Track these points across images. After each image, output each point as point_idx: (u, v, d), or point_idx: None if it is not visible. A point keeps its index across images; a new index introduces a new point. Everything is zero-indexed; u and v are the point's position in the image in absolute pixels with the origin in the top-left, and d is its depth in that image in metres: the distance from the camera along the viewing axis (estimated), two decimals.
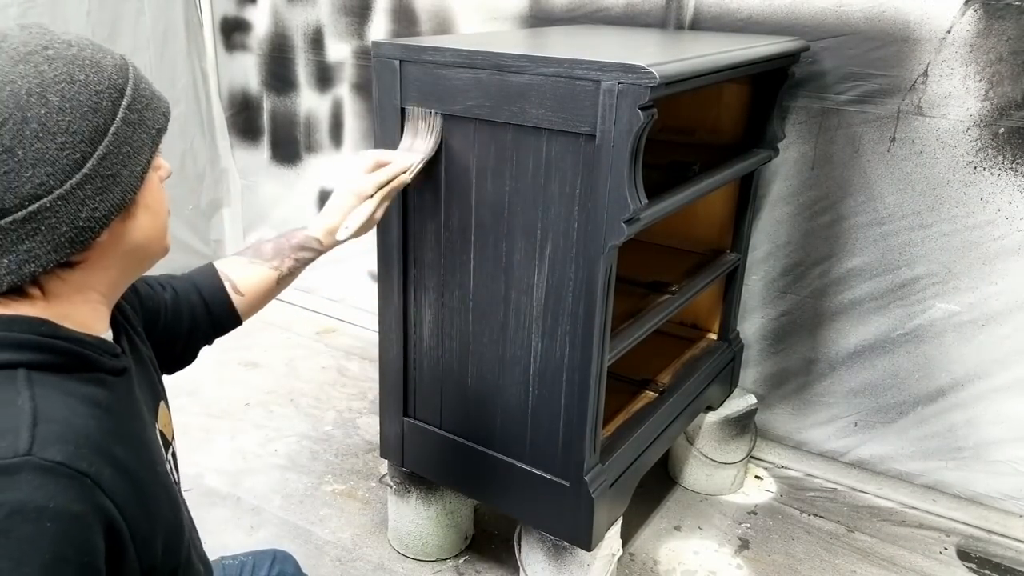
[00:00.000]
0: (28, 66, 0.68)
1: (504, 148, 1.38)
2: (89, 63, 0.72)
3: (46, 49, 0.70)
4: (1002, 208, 1.82)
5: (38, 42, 0.71)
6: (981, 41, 1.75)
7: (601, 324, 1.38)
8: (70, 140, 0.69)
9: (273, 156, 3.02)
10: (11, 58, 0.69)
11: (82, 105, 0.70)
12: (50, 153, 0.68)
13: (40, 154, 0.67)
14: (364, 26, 2.61)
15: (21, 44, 0.70)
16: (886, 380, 2.06)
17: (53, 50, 0.71)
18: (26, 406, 0.67)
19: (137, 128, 0.75)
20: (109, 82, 0.73)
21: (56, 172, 0.68)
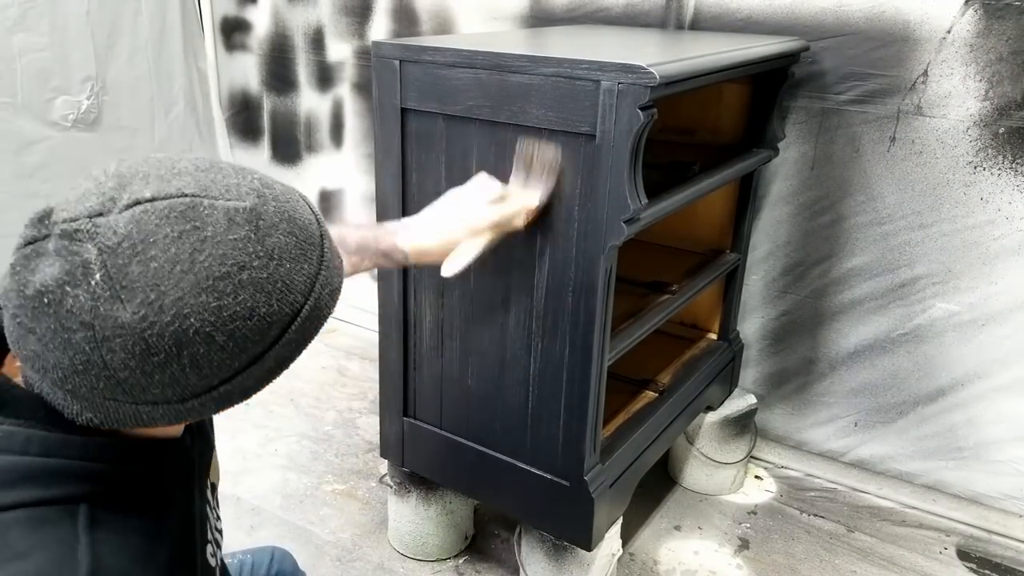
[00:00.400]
0: (211, 296, 0.58)
1: (504, 148, 1.38)
2: (280, 287, 0.62)
3: (241, 271, 0.59)
4: (1002, 208, 1.82)
5: (238, 259, 0.59)
6: (981, 41, 1.75)
7: (601, 324, 1.38)
8: (216, 373, 0.61)
9: (273, 156, 3.02)
10: (197, 284, 0.57)
11: (247, 340, 0.61)
12: (185, 381, 0.60)
13: (174, 379, 0.60)
14: (365, 26, 2.62)
15: (217, 260, 0.58)
16: (886, 380, 2.06)
17: (248, 271, 0.59)
18: (84, 559, 0.60)
19: (295, 347, 0.66)
20: (290, 308, 0.63)
21: (182, 393, 0.61)
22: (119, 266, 0.56)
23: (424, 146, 1.47)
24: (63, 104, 2.46)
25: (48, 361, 0.59)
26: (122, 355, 0.57)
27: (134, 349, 0.57)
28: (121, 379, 0.59)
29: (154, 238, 0.57)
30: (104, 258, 0.56)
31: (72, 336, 0.57)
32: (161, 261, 0.57)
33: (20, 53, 2.32)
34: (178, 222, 0.58)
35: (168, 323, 0.57)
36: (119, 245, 0.57)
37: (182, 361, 0.59)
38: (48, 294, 0.57)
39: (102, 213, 0.58)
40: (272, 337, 0.63)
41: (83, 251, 0.57)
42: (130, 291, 0.56)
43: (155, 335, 0.57)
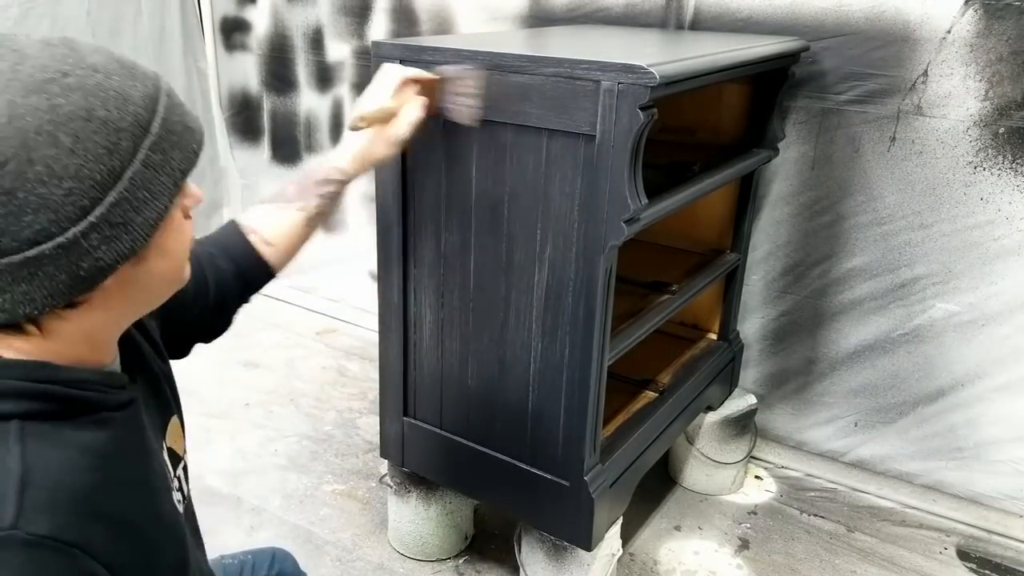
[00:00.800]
0: (41, 97, 0.60)
1: (504, 148, 1.37)
2: (114, 95, 0.63)
3: (65, 76, 0.61)
4: (1002, 208, 1.82)
5: (58, 66, 0.62)
6: (981, 41, 1.75)
7: (601, 324, 1.38)
8: (78, 186, 0.61)
9: (273, 156, 3.02)
10: (24, 86, 0.60)
11: (97, 146, 0.62)
12: (54, 199, 0.60)
13: (43, 199, 0.60)
14: (364, 26, 2.62)
15: (39, 68, 0.61)
16: (886, 380, 2.06)
17: (74, 77, 0.62)
18: (15, 467, 0.62)
19: (159, 171, 0.66)
20: (133, 118, 0.64)
21: (58, 219, 0.61)
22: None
23: (424, 146, 1.47)
24: None
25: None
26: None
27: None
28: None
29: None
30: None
31: None
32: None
33: None
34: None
35: (5, 124, 0.58)
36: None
37: (36, 168, 0.59)
38: None
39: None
40: (125, 149, 0.64)
41: None
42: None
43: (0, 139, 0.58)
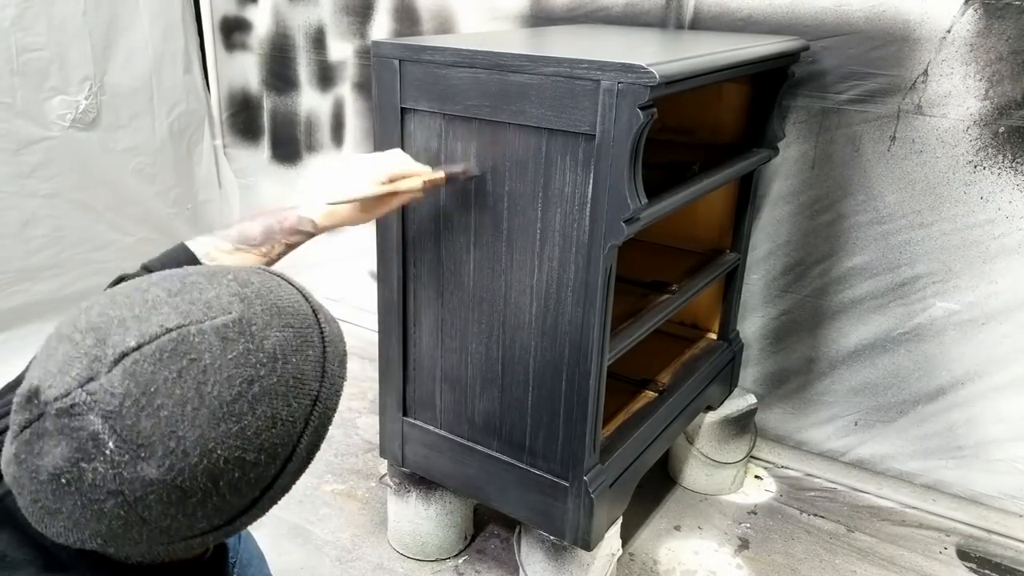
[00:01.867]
0: (232, 423, 0.57)
1: (504, 148, 1.37)
2: (292, 384, 0.61)
3: (251, 386, 0.58)
4: (1002, 207, 1.82)
5: (243, 374, 0.58)
6: (981, 40, 1.74)
7: (601, 324, 1.38)
8: (252, 488, 0.62)
9: (273, 155, 3.02)
10: (213, 415, 0.56)
11: (276, 446, 0.61)
12: (227, 506, 0.61)
13: (217, 509, 0.60)
14: (366, 25, 2.61)
15: (225, 385, 0.57)
16: (886, 379, 2.06)
17: (258, 384, 0.58)
18: None
19: (323, 426, 0.66)
20: (308, 398, 0.63)
21: (224, 515, 0.61)
22: (129, 426, 0.54)
23: (424, 146, 1.47)
24: (60, 104, 2.46)
25: (84, 533, 0.57)
26: (159, 507, 0.56)
27: (170, 498, 0.56)
28: (164, 527, 0.58)
29: (155, 386, 0.55)
30: (111, 423, 0.54)
31: (103, 506, 0.55)
32: (170, 407, 0.55)
33: (17, 53, 2.32)
34: (173, 361, 0.56)
35: (196, 463, 0.56)
36: (121, 405, 0.54)
37: (220, 490, 0.58)
38: (64, 475, 0.55)
39: (92, 378, 0.55)
40: (298, 431, 0.62)
41: (86, 424, 0.54)
42: (149, 447, 0.54)
43: (187, 479, 0.56)
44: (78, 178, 2.55)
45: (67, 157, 2.50)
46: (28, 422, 0.56)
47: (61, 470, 0.54)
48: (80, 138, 2.53)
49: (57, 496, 0.55)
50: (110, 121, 2.62)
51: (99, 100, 2.56)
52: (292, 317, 0.64)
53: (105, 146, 2.62)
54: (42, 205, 2.46)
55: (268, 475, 0.62)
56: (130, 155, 2.72)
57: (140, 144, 2.75)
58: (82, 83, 2.50)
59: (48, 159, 2.45)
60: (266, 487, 0.63)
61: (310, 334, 0.65)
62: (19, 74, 2.33)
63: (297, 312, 0.65)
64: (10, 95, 2.33)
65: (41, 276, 2.51)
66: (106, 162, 2.63)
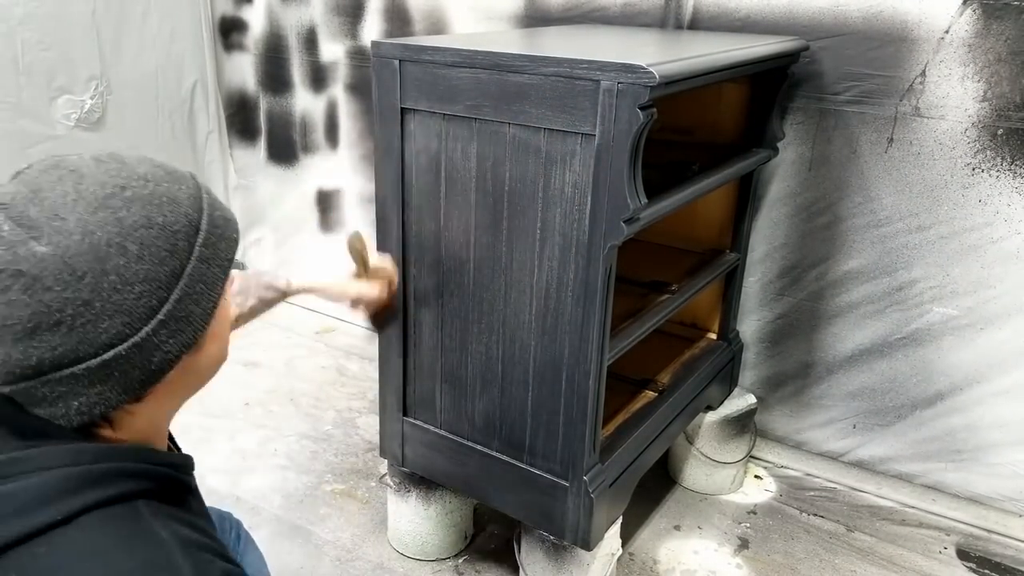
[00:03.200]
0: (107, 212, 0.66)
1: (504, 148, 1.38)
2: (166, 200, 0.70)
3: (124, 190, 0.68)
4: (1000, 210, 1.82)
5: (115, 181, 0.68)
6: (979, 41, 1.75)
7: (601, 324, 1.38)
8: (147, 288, 0.67)
9: (270, 156, 3.02)
10: (89, 204, 0.66)
11: (160, 250, 0.68)
12: (127, 303, 0.66)
13: (117, 305, 0.66)
14: (357, 26, 2.61)
15: (99, 185, 0.67)
16: (884, 384, 2.06)
17: (131, 191, 0.68)
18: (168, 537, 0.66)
19: (211, 263, 0.73)
20: (185, 219, 0.71)
21: (132, 321, 0.67)
22: (20, 213, 0.65)
23: (424, 146, 1.48)
24: (66, 103, 2.45)
25: (2, 338, 0.64)
26: (57, 289, 0.64)
27: (63, 276, 0.64)
28: (69, 322, 0.64)
29: (39, 185, 0.67)
30: (6, 211, 0.65)
31: (9, 292, 0.64)
32: (53, 198, 0.65)
33: (23, 52, 2.32)
34: (54, 171, 0.68)
35: (79, 241, 0.64)
36: (13, 199, 0.66)
37: (110, 277, 0.65)
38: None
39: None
40: (183, 249, 0.70)
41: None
42: (37, 227, 0.64)
43: (73, 255, 0.64)
44: None
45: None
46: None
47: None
48: (84, 138, 2.53)
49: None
50: (115, 121, 2.61)
51: (105, 100, 2.56)
52: (164, 165, 0.75)
53: (109, 146, 2.62)
54: None
55: (157, 278, 0.68)
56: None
57: (144, 144, 2.74)
58: (88, 83, 2.50)
59: None
60: (162, 297, 0.68)
61: (184, 178, 0.75)
62: (25, 73, 2.33)
63: (171, 166, 0.76)
64: (15, 95, 2.33)
65: None
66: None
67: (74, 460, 0.67)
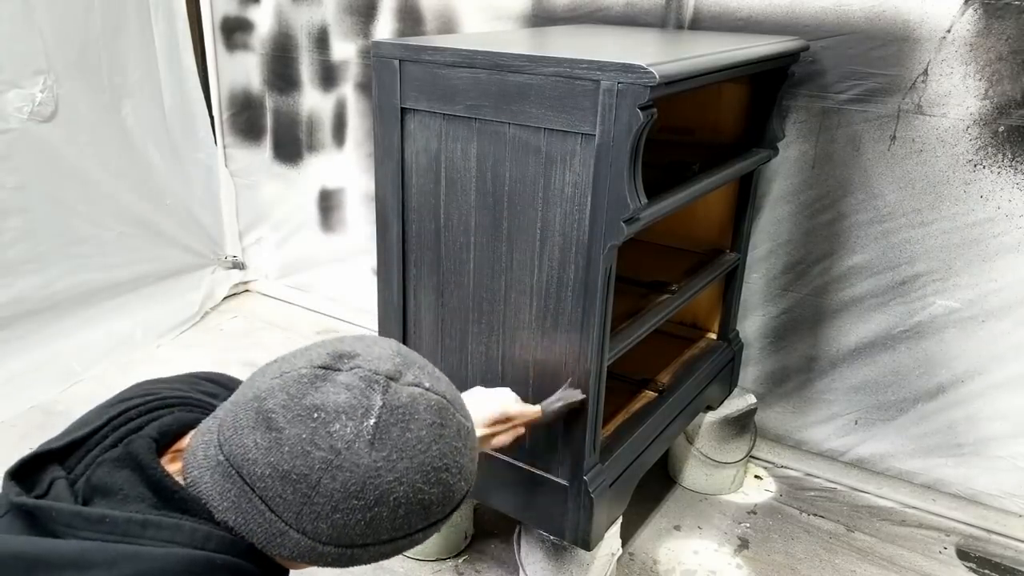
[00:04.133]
0: (420, 478, 0.74)
1: (504, 148, 1.38)
2: (449, 496, 0.78)
3: (447, 471, 0.77)
4: (1002, 206, 1.82)
5: (448, 459, 0.76)
6: (981, 40, 1.75)
7: (601, 324, 1.38)
8: (370, 537, 0.74)
9: (275, 155, 3.02)
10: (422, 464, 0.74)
11: (407, 524, 0.75)
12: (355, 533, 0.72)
13: (344, 524, 0.72)
14: (370, 25, 2.62)
15: (439, 456, 0.75)
16: (886, 377, 2.06)
17: (446, 475, 0.77)
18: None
19: (420, 539, 0.79)
20: (440, 513, 0.78)
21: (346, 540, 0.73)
22: (388, 424, 0.71)
23: (424, 146, 1.47)
24: (16, 97, 2.40)
25: (261, 460, 0.70)
26: (337, 486, 0.69)
27: (349, 487, 0.70)
28: (314, 503, 0.69)
29: (418, 417, 0.73)
30: (383, 412, 0.71)
31: (314, 451, 0.69)
32: (414, 436, 0.72)
33: None
34: (435, 415, 0.75)
35: (389, 481, 0.71)
36: (396, 409, 0.72)
37: (375, 513, 0.71)
38: (322, 411, 0.70)
39: (394, 378, 0.75)
40: (428, 522, 0.77)
41: (373, 400, 0.72)
42: (383, 444, 0.71)
43: (373, 484, 0.70)
44: (44, 171, 2.49)
45: (30, 150, 2.44)
46: (329, 367, 0.73)
47: (325, 407, 0.70)
48: (40, 131, 2.47)
49: (295, 420, 0.70)
50: (69, 114, 2.55)
51: (55, 93, 2.51)
52: (470, 437, 0.82)
53: (67, 139, 2.55)
54: (11, 196, 2.41)
55: (390, 535, 0.74)
56: (94, 149, 2.64)
57: (104, 138, 2.67)
58: (35, 76, 2.44)
59: (11, 152, 2.40)
60: (382, 540, 0.75)
61: (472, 473, 0.83)
62: None
63: (471, 432, 0.83)
64: None
65: (21, 270, 2.47)
66: (70, 155, 2.57)
67: (201, 544, 0.69)
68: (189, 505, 0.71)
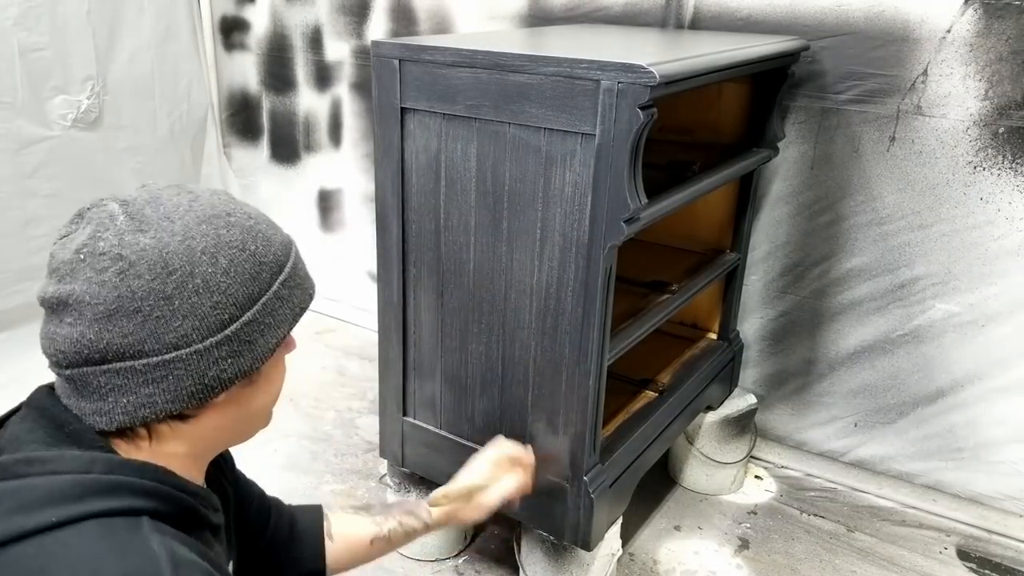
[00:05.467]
0: (209, 227, 0.73)
1: (504, 148, 1.37)
2: (261, 236, 0.77)
3: (229, 216, 0.75)
4: (1002, 208, 1.82)
5: (224, 207, 0.76)
6: (981, 40, 1.74)
7: (601, 324, 1.38)
8: (223, 301, 0.72)
9: (272, 155, 3.02)
10: (197, 217, 0.73)
11: (244, 272, 0.74)
12: (202, 309, 0.71)
13: (193, 308, 0.70)
14: (363, 25, 2.61)
15: (209, 207, 0.75)
16: (886, 381, 2.06)
17: (235, 218, 0.75)
18: (161, 551, 0.67)
19: (284, 303, 0.78)
20: (273, 257, 0.77)
21: (201, 328, 0.71)
22: (137, 210, 0.72)
23: (423, 146, 1.47)
24: (62, 103, 2.45)
25: (77, 332, 0.69)
26: (147, 278, 0.69)
27: (155, 268, 0.69)
28: (147, 312, 0.69)
29: (159, 195, 0.74)
30: (125, 207, 0.72)
31: (104, 274, 0.69)
32: (168, 206, 0.73)
33: (20, 52, 2.32)
34: (175, 188, 0.76)
35: (180, 242, 0.70)
36: (135, 200, 0.73)
37: (195, 281, 0.70)
38: (83, 249, 0.70)
39: (118, 196, 0.75)
40: (264, 279, 0.76)
41: (108, 208, 0.72)
42: (147, 223, 0.71)
43: (170, 252, 0.70)
44: (79, 178, 2.54)
45: (68, 157, 2.49)
46: (69, 226, 0.74)
47: (82, 245, 0.70)
48: (81, 138, 2.53)
49: (72, 269, 0.70)
50: (111, 121, 2.62)
51: (101, 100, 2.56)
52: (268, 218, 0.82)
53: (106, 146, 2.62)
54: (43, 205, 2.45)
55: (235, 297, 0.73)
56: (131, 155, 2.71)
57: (141, 144, 2.74)
58: (84, 83, 2.50)
59: (49, 159, 2.45)
60: (234, 315, 0.73)
61: (281, 230, 0.82)
62: (21, 74, 2.33)
63: (274, 222, 0.82)
64: (11, 95, 2.33)
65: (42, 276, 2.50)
66: (107, 162, 2.63)
67: (86, 468, 0.69)
68: (82, 436, 0.72)
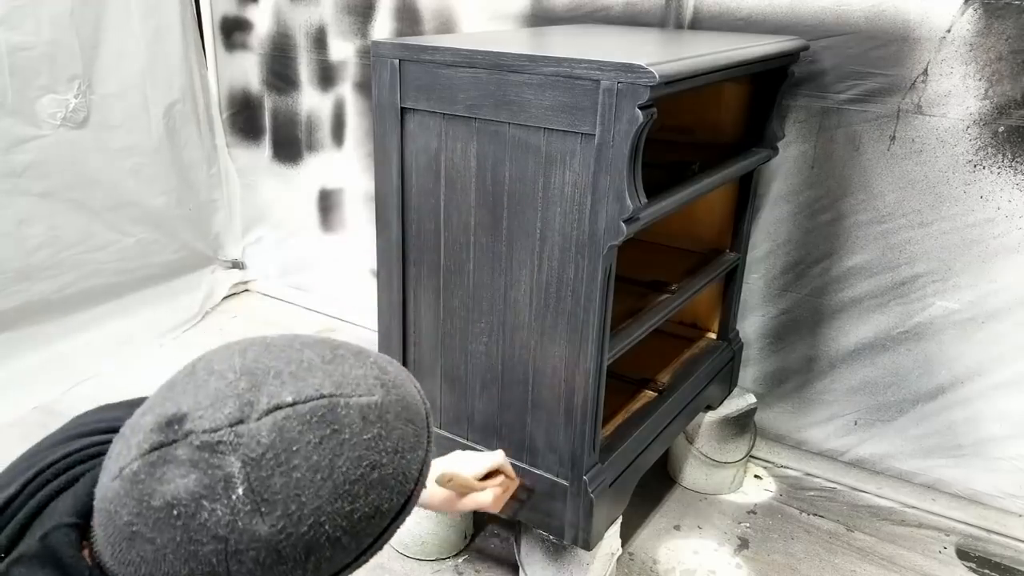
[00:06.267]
0: (346, 503, 0.58)
1: (504, 148, 1.38)
2: (401, 479, 0.63)
3: (373, 471, 0.60)
4: (1002, 206, 1.82)
5: (371, 458, 0.60)
6: (981, 40, 1.75)
7: (600, 324, 1.38)
8: (326, 572, 0.61)
9: (274, 155, 3.02)
10: (336, 489, 0.58)
11: (366, 535, 0.62)
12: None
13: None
14: (368, 25, 2.61)
15: (354, 462, 0.59)
16: (886, 378, 2.06)
17: (379, 471, 0.61)
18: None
19: (396, 531, 0.68)
20: (404, 497, 0.65)
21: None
22: (262, 479, 0.56)
23: (423, 146, 1.47)
24: (50, 102, 2.42)
25: (160, 570, 0.57)
26: (250, 566, 0.57)
27: (265, 560, 0.57)
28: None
29: (297, 446, 0.57)
30: (248, 471, 0.55)
31: (200, 549, 0.56)
32: (303, 470, 0.57)
33: (7, 52, 2.29)
34: (319, 427, 0.58)
35: (304, 532, 0.57)
36: (263, 456, 0.56)
37: (307, 566, 0.58)
38: (180, 506, 0.55)
39: (242, 420, 0.57)
40: (383, 527, 0.64)
41: (225, 464, 0.55)
42: (271, 504, 0.56)
43: (289, 545, 0.57)
44: (72, 177, 2.52)
45: (59, 156, 2.47)
46: (160, 444, 0.57)
47: (179, 501, 0.55)
48: (72, 137, 2.50)
49: (159, 525, 0.56)
50: (101, 120, 2.58)
51: (88, 99, 2.53)
52: (415, 415, 0.67)
53: (98, 145, 2.59)
54: (37, 204, 2.43)
55: (343, 562, 0.62)
56: (124, 155, 2.69)
57: (135, 144, 2.71)
58: (71, 82, 2.47)
59: (40, 158, 2.43)
60: (334, 573, 0.63)
61: (422, 436, 0.67)
62: (9, 73, 2.31)
63: (418, 411, 0.68)
64: (0, 94, 2.32)
65: (40, 276, 2.50)
66: (100, 161, 2.60)
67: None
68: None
